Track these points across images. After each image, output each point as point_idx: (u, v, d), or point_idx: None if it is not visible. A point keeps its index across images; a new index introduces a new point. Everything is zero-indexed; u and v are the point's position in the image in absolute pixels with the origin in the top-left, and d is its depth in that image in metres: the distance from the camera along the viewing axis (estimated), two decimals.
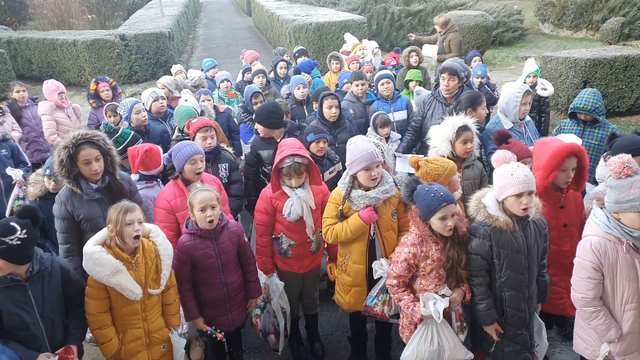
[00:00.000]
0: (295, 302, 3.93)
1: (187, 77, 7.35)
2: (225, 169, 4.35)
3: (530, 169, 3.21)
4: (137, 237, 2.89)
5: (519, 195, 2.76)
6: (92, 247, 2.85)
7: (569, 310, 3.21)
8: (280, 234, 3.65)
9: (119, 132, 4.35)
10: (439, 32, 8.48)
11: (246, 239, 3.54)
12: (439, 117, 4.65)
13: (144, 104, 5.47)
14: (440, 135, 3.75)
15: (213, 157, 4.29)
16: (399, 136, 5.32)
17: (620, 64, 8.71)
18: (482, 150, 4.71)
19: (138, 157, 3.92)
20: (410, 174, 4.53)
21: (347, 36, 9.86)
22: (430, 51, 8.63)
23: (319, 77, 7.53)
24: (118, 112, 5.42)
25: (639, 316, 2.67)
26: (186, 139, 4.66)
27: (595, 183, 3.69)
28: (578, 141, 3.70)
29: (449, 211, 2.79)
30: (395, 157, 4.88)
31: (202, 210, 3.15)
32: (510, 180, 2.76)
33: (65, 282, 2.90)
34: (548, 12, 17.71)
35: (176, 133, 5.00)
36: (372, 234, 3.31)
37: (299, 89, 6.01)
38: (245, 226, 5.22)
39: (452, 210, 2.81)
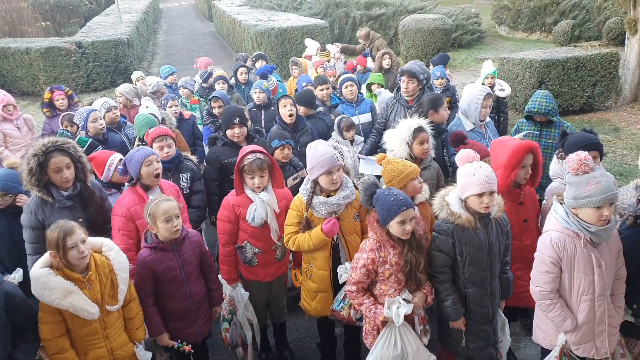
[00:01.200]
0: (263, 312, 3.86)
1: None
2: (187, 179, 4.23)
3: None
4: (84, 257, 2.75)
5: (480, 195, 2.81)
6: (39, 270, 2.69)
7: (533, 303, 3.28)
8: (244, 242, 3.58)
9: (76, 140, 4.21)
10: (364, 44, 8.83)
11: (207, 248, 3.46)
12: (401, 119, 4.68)
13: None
14: (397, 139, 3.79)
15: (174, 166, 4.18)
16: (363, 139, 5.35)
17: (571, 65, 9.04)
18: (445, 150, 4.80)
19: None
20: (376, 176, 4.59)
21: (308, 41, 9.87)
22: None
23: (279, 82, 7.50)
24: (75, 121, 5.23)
25: (593, 307, 2.76)
26: None
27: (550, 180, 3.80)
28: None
29: (407, 215, 2.82)
30: (359, 159, 4.93)
31: (167, 221, 3.06)
32: (472, 180, 2.81)
33: (11, 310, 2.72)
34: (504, 15, 18.27)
35: (137, 142, 4.86)
36: (335, 239, 3.30)
37: (255, 93, 5.94)
38: (211, 236, 5.13)
39: (411, 214, 2.84)
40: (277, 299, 3.88)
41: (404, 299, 2.92)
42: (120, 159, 3.84)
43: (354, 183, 3.43)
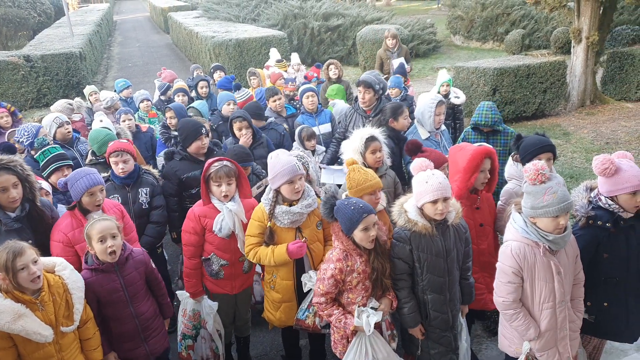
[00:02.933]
0: (229, 326, 3.78)
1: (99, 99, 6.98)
2: (146, 194, 4.09)
3: (447, 174, 3.32)
4: (36, 278, 2.61)
5: (434, 202, 2.84)
6: None
7: (490, 305, 3.34)
8: (210, 255, 3.50)
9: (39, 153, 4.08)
10: (392, 46, 8.61)
11: (153, 265, 3.34)
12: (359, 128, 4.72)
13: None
14: (351, 148, 3.82)
15: (132, 181, 4.05)
16: (324, 149, 5.35)
17: (523, 72, 9.38)
18: (403, 159, 4.85)
19: None
20: (337, 185, 4.59)
21: (273, 51, 9.84)
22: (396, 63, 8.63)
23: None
24: (15, 140, 4.89)
25: (555, 314, 2.81)
26: (101, 163, 4.43)
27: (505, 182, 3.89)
28: None
29: (369, 222, 2.83)
30: (321, 168, 4.93)
31: (101, 242, 2.92)
32: (426, 188, 2.85)
33: None
34: (458, 25, 18.86)
35: (89, 157, 4.68)
36: None
37: (229, 104, 5.84)
38: (172, 252, 4.99)
39: (373, 220, 2.85)
40: (242, 312, 3.81)
41: (372, 307, 2.92)
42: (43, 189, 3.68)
43: (316, 192, 3.41)
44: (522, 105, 9.58)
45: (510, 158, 3.76)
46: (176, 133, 5.25)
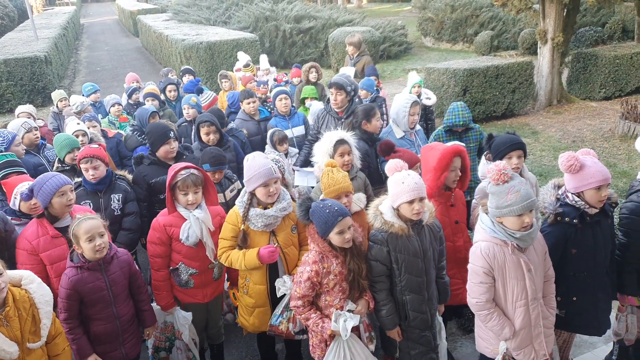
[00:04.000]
0: (201, 334, 3.72)
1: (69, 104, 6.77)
2: (119, 200, 3.99)
3: (420, 174, 3.34)
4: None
5: (410, 202, 2.85)
6: None
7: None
8: (178, 264, 3.42)
9: None
10: (351, 53, 8.15)
11: (137, 268, 3.27)
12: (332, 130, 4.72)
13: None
14: (321, 151, 3.82)
15: (104, 187, 3.95)
16: (297, 151, 5.33)
17: (492, 73, 9.55)
18: (378, 159, 4.87)
19: None
20: (310, 187, 4.58)
21: (241, 54, 9.77)
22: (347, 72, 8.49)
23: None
24: None
25: (528, 311, 2.83)
26: (68, 169, 4.30)
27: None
28: None
29: (345, 224, 2.83)
30: (294, 171, 4.91)
31: (90, 240, 2.90)
32: (402, 188, 2.85)
33: None
34: (429, 27, 19.12)
35: (56, 164, 4.55)
36: None
37: (185, 108, 5.77)
38: (143, 259, 4.88)
39: (348, 222, 2.85)
40: (215, 320, 3.75)
41: (348, 310, 2.92)
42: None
43: (292, 196, 3.39)
44: (492, 105, 9.76)
45: (483, 157, 3.81)
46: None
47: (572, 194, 2.97)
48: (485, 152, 3.76)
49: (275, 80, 8.04)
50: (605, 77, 10.49)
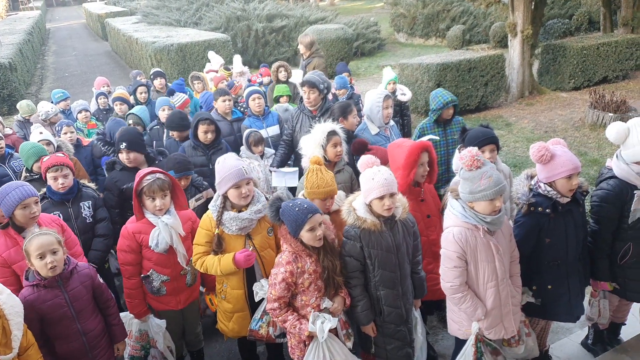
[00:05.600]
0: (178, 342, 3.65)
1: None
2: (89, 207, 3.90)
3: None
4: None
5: (381, 198, 2.87)
6: None
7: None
8: (149, 271, 3.36)
9: None
10: (303, 53, 7.83)
11: (101, 280, 3.18)
12: (307, 129, 4.69)
13: None
14: (312, 142, 3.83)
15: (72, 196, 3.85)
16: (273, 151, 5.28)
17: (464, 67, 9.66)
18: (354, 156, 4.86)
19: None
20: (289, 188, 4.54)
21: (211, 55, 9.67)
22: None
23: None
24: None
25: (498, 291, 2.93)
26: (37, 179, 4.18)
27: None
28: None
29: (315, 221, 2.82)
30: (271, 172, 4.86)
31: (40, 258, 2.76)
32: (372, 185, 2.87)
33: None
34: (401, 23, 19.24)
35: (24, 174, 4.41)
36: None
37: (163, 110, 5.67)
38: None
39: (318, 219, 2.84)
40: (192, 326, 3.69)
41: (325, 308, 2.91)
42: None
43: (266, 197, 3.35)
44: (466, 99, 9.86)
45: (457, 151, 3.84)
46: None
47: (544, 184, 3.01)
48: (459, 146, 3.79)
49: (249, 81, 7.96)
50: (574, 68, 10.72)
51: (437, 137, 4.69)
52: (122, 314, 3.50)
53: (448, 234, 2.89)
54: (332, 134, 3.85)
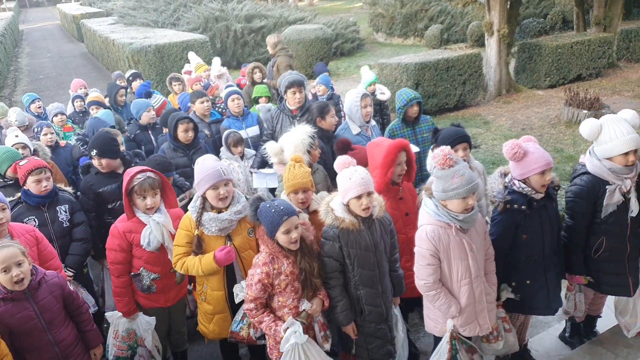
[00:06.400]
0: (163, 342, 3.63)
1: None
2: (66, 211, 3.85)
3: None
4: None
5: (358, 197, 2.89)
6: None
7: None
8: (140, 270, 3.35)
9: None
10: (272, 53, 7.88)
11: (71, 288, 3.13)
12: (287, 129, 4.69)
13: None
14: (293, 145, 3.81)
15: (48, 200, 3.79)
16: (254, 152, 5.27)
17: (442, 66, 9.75)
18: (334, 157, 4.88)
19: None
20: (269, 189, 4.53)
21: (191, 55, 9.57)
22: None
23: None
24: None
25: (472, 289, 2.96)
26: (9, 185, 4.09)
27: None
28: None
29: (291, 224, 2.82)
30: (252, 173, 4.84)
31: (5, 271, 2.67)
32: (350, 184, 2.89)
33: None
34: (380, 23, 19.34)
35: None
36: None
37: (149, 111, 5.61)
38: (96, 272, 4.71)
39: (294, 222, 2.84)
40: (177, 325, 3.68)
41: (303, 310, 2.91)
42: None
43: (246, 198, 3.35)
44: (444, 98, 9.96)
45: (430, 151, 3.87)
46: None
47: (518, 181, 3.06)
48: (432, 146, 3.83)
49: (238, 86, 7.77)
50: (550, 66, 10.92)
51: (418, 149, 4.73)
52: (108, 314, 3.50)
53: (421, 232, 2.92)
54: (313, 137, 3.88)
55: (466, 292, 2.95)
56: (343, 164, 3.01)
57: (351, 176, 2.90)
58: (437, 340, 3.17)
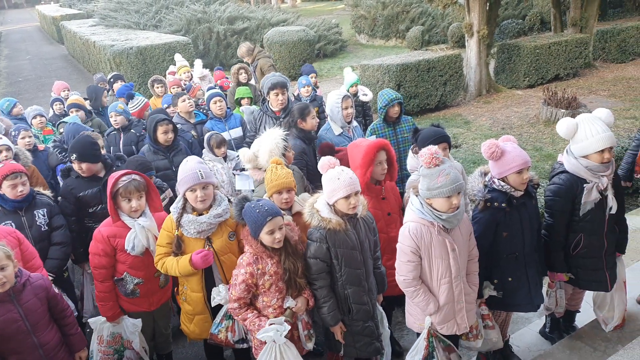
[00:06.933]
0: (149, 344, 3.61)
1: None
2: (44, 215, 3.79)
3: None
4: None
5: (347, 197, 2.90)
6: None
7: None
8: (123, 274, 3.33)
9: None
10: (247, 61, 7.96)
11: (56, 290, 3.10)
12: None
13: None
14: (268, 150, 3.79)
15: (26, 204, 3.73)
16: (237, 154, 5.25)
17: (423, 67, 9.85)
18: (316, 158, 4.89)
19: None
20: (252, 191, 4.53)
21: (177, 57, 9.51)
22: None
23: None
24: None
25: (452, 288, 2.99)
26: None
27: None
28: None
29: (275, 224, 2.83)
30: (235, 175, 4.83)
31: None
32: (338, 184, 2.90)
33: None
34: (362, 24, 19.44)
35: None
36: None
37: (112, 116, 5.52)
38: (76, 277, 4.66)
39: (279, 222, 2.85)
40: (162, 328, 3.66)
41: (287, 307, 2.92)
42: None
43: (229, 199, 3.34)
44: (426, 98, 10.06)
45: (410, 151, 3.92)
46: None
47: (497, 179, 3.11)
48: (412, 146, 3.87)
49: (222, 88, 7.73)
50: (528, 67, 11.11)
51: (392, 132, 4.80)
52: (92, 320, 3.45)
53: (404, 228, 2.95)
54: (286, 140, 3.87)
55: (445, 291, 2.97)
56: (328, 164, 3.02)
57: (339, 176, 2.91)
58: (418, 336, 3.21)
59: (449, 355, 3.09)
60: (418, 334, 3.17)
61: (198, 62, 8.94)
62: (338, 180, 2.90)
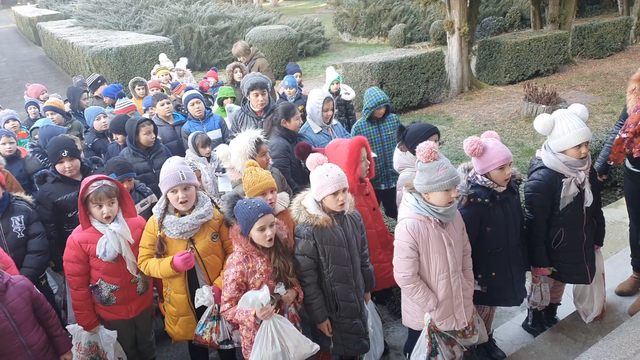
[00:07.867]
0: (130, 352, 3.55)
1: None
2: (20, 222, 3.69)
3: None
4: None
5: (335, 194, 2.92)
6: None
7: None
8: (98, 281, 3.25)
9: None
10: (242, 60, 7.79)
11: (39, 291, 3.04)
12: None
13: None
14: (239, 152, 3.73)
15: (2, 210, 3.64)
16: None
17: (406, 65, 9.88)
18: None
19: None
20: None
21: (162, 57, 9.41)
22: None
23: None
24: None
25: (450, 283, 3.01)
26: None
27: None
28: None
29: (266, 221, 2.83)
30: (217, 176, 4.79)
31: None
32: (326, 181, 2.91)
33: None
34: (344, 23, 19.46)
35: None
36: None
37: (99, 119, 5.49)
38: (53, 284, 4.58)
39: (270, 220, 2.85)
40: (144, 335, 3.60)
41: (276, 293, 2.89)
42: None
43: (212, 200, 3.31)
44: (408, 96, 10.10)
45: (397, 149, 3.92)
46: None
47: (480, 175, 3.14)
48: (398, 144, 3.87)
49: (202, 89, 7.64)
50: (509, 63, 11.23)
51: (375, 155, 4.79)
52: (70, 327, 3.37)
53: (401, 225, 2.96)
54: (260, 143, 3.79)
55: (443, 287, 2.99)
56: (316, 161, 3.02)
57: (328, 173, 2.93)
58: (413, 333, 3.22)
59: (452, 348, 3.11)
60: (412, 331, 3.18)
61: (182, 60, 8.91)
62: (326, 177, 2.91)
